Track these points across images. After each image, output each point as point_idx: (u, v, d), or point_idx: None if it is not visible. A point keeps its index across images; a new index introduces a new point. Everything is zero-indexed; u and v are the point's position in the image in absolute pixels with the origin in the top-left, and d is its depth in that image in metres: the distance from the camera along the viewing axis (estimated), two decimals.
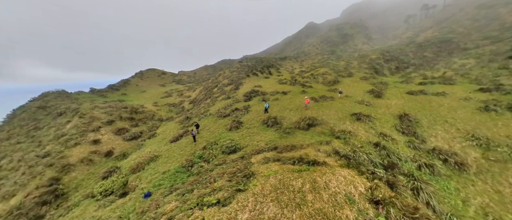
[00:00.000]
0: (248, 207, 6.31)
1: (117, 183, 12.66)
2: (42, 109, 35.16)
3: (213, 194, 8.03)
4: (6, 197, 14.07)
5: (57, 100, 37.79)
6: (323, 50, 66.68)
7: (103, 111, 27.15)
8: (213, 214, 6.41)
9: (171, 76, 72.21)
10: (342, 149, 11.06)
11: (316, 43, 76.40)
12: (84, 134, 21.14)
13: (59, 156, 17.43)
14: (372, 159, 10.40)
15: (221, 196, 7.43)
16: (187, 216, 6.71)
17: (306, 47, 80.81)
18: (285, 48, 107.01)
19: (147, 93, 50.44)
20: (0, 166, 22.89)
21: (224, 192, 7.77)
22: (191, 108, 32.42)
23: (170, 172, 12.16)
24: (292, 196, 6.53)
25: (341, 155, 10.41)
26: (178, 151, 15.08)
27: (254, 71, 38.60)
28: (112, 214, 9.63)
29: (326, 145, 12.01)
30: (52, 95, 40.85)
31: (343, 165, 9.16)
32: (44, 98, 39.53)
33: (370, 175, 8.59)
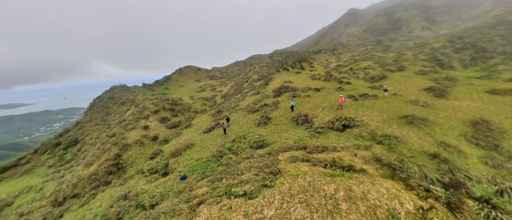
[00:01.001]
0: (274, 205, 6.12)
1: (160, 164, 14.68)
2: (111, 99, 44.23)
3: (240, 185, 8.21)
4: (87, 165, 18.50)
5: (121, 93, 46.71)
6: (366, 41, 58.27)
7: (151, 102, 31.87)
8: (239, 204, 6.52)
9: (205, 72, 78.14)
10: (385, 156, 9.46)
11: (358, 33, 67.37)
12: (137, 120, 25.42)
13: (121, 137, 21.58)
14: (426, 172, 8.47)
15: (248, 189, 7.50)
16: (216, 203, 7.08)
17: (345, 37, 72.40)
18: (319, 40, 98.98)
19: (185, 87, 56.30)
20: (85, 141, 30.13)
21: (250, 185, 7.82)
22: (222, 103, 34.30)
23: (203, 160, 13.20)
24: (323, 201, 5.95)
25: (383, 163, 8.93)
26: (210, 141, 16.22)
27: (285, 66, 37.37)
28: (155, 190, 11.24)
29: (364, 150, 10.54)
30: (117, 88, 50.74)
31: (386, 176, 7.82)
32: (112, 91, 49.54)
33: (422, 191, 7.01)
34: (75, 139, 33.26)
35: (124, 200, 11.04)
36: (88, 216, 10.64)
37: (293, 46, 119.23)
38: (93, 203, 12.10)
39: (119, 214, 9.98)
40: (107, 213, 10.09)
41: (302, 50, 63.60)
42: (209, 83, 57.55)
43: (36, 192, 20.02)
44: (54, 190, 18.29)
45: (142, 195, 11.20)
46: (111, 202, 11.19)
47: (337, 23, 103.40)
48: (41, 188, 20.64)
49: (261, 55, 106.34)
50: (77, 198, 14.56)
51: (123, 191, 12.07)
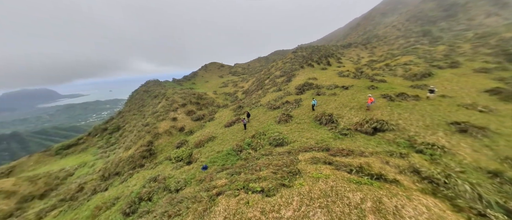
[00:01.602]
0: (293, 206, 5.96)
1: (185, 153, 15.90)
2: (146, 92, 49.80)
3: (258, 181, 8.27)
4: (126, 148, 21.38)
5: (154, 87, 52.09)
6: (409, 31, 50.75)
7: (180, 96, 34.61)
8: (257, 200, 6.57)
9: (228, 68, 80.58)
10: (425, 168, 8.20)
11: (398, 22, 59.16)
12: (167, 112, 28.01)
13: (153, 126, 24.19)
14: (481, 193, 6.97)
15: (266, 186, 7.49)
16: (234, 195, 7.29)
17: (381, 29, 64.53)
18: (350, 33, 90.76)
19: (209, 83, 59.27)
20: (125, 128, 34.66)
21: (268, 182, 7.80)
22: (244, 98, 34.95)
23: (223, 153, 13.76)
24: (347, 210, 5.52)
25: (423, 176, 7.75)
26: (230, 135, 16.77)
27: (309, 62, 35.65)
28: (180, 176, 12.26)
29: (399, 158, 9.34)
30: (151, 83, 56.74)
31: (427, 191, 6.78)
32: (147, 85, 55.65)
33: (475, 216, 5.81)
34: (117, 126, 38.82)
35: (154, 182, 12.40)
36: (126, 192, 12.34)
37: (319, 41, 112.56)
38: (130, 182, 13.97)
39: (150, 193, 11.27)
40: (140, 192, 11.51)
41: (329, 45, 59.41)
42: (231, 79, 59.25)
43: (89, 167, 24.17)
44: (102, 167, 21.80)
45: (168, 180, 12.38)
46: (143, 182, 12.71)
47: (372, 13, 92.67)
48: (92, 164, 24.83)
49: (284, 51, 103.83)
50: (118, 175, 17.02)
51: (154, 174, 13.57)
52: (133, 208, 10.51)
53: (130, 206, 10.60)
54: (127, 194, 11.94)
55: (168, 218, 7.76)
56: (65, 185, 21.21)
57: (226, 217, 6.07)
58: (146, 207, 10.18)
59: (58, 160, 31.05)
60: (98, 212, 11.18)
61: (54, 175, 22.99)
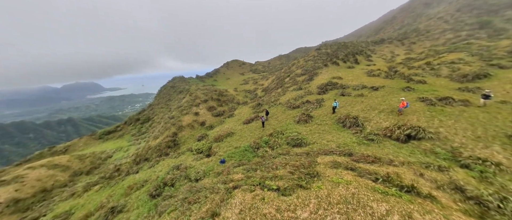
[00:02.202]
0: (309, 208, 5.81)
1: (205, 146, 16.83)
2: (172, 88, 54.10)
3: (274, 180, 8.28)
4: (154, 138, 23.73)
5: (179, 83, 56.21)
6: (460, 24, 43.46)
7: (202, 92, 36.62)
8: (272, 198, 6.60)
9: (249, 66, 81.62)
10: (472, 186, 7.03)
11: (446, 14, 51.12)
12: (190, 107, 29.99)
13: (178, 119, 26.23)
14: None
15: (282, 185, 7.46)
16: (249, 191, 7.46)
17: (423, 22, 56.66)
18: (383, 27, 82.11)
19: (230, 80, 61.05)
20: (154, 119, 38.30)
21: (284, 182, 7.74)
22: (263, 96, 35.06)
23: (240, 149, 14.12)
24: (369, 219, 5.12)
25: (468, 195, 6.67)
26: (248, 132, 17.09)
27: (334, 59, 33.65)
28: (200, 167, 13.06)
29: (437, 171, 8.22)
30: (177, 79, 61.35)
31: (472, 213, 5.84)
32: (173, 81, 60.36)
33: None
34: (148, 117, 43.23)
35: (177, 170, 13.50)
36: (153, 177, 13.76)
37: (347, 37, 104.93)
38: (157, 167, 15.51)
39: (173, 180, 12.32)
40: (165, 177, 12.68)
41: (357, 41, 54.83)
42: (252, 76, 59.91)
43: (124, 151, 27.60)
44: (134, 152, 24.67)
45: (189, 169, 13.33)
46: (168, 169, 13.96)
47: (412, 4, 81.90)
48: (127, 149, 28.27)
49: (306, 48, 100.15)
50: (147, 161, 19.04)
51: (177, 162, 14.78)
52: (158, 191, 11.66)
53: (156, 189, 11.79)
54: (154, 179, 13.30)
55: (188, 204, 8.38)
56: (105, 165, 24.71)
57: (241, 210, 6.26)
58: (169, 192, 11.18)
59: (101, 143, 36.32)
60: (130, 191, 12.75)
61: (97, 156, 27.00)
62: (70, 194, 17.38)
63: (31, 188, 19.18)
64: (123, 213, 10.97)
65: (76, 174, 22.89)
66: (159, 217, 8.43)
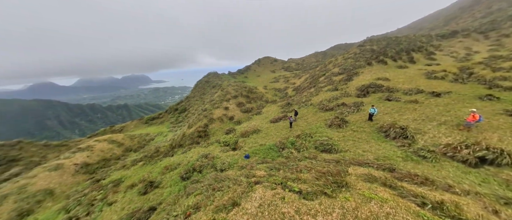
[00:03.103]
0: (332, 217, 5.54)
1: (232, 140, 17.86)
2: (207, 82, 59.12)
3: (297, 182, 8.17)
4: (189, 127, 26.68)
5: (213, 78, 60.87)
6: None
7: (233, 88, 38.67)
8: (293, 199, 6.57)
9: (281, 63, 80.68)
10: None
11: None
12: (221, 101, 32.21)
13: (210, 112, 28.65)
14: None
15: (304, 189, 7.31)
16: (271, 188, 7.62)
17: None
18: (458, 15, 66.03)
19: (261, 78, 62.02)
20: (189, 110, 42.81)
21: (308, 186, 7.55)
22: (294, 95, 34.26)
23: (265, 146, 14.37)
24: None
25: None
26: (275, 131, 17.17)
27: (381, 57, 29.65)
28: (225, 159, 14.01)
29: None
30: (211, 74, 66.60)
31: None
32: (208, 76, 65.81)
33: None
34: (185, 108, 48.79)
35: (205, 158, 14.90)
36: (185, 161, 15.63)
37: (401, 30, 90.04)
38: (188, 154, 17.50)
39: (201, 167, 13.68)
40: (194, 164, 14.22)
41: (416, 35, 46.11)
42: (283, 74, 59.16)
43: (163, 136, 32.10)
44: (171, 138, 28.41)
45: (216, 159, 14.48)
46: (197, 157, 15.56)
47: None
48: (166, 134, 32.77)
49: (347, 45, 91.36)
50: (181, 147, 21.67)
51: (205, 152, 16.29)
52: (188, 175, 13.18)
53: (187, 173, 13.37)
54: (185, 163, 15.10)
55: (212, 190, 9.21)
56: (148, 146, 29.42)
57: (261, 204, 6.50)
58: (197, 177, 12.50)
59: (146, 127, 43.35)
60: (165, 171, 14.90)
61: (143, 137, 32.41)
62: (122, 165, 21.61)
63: (96, 156, 24.82)
64: (158, 188, 12.96)
65: (127, 150, 28.19)
66: (187, 197, 9.59)
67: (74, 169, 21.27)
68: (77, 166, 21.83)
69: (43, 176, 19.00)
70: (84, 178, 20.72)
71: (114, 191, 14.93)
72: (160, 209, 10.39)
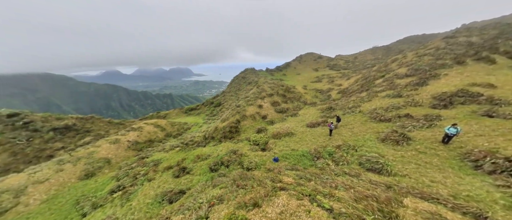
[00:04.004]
0: None
1: (262, 140, 18.20)
2: (243, 78, 61.88)
3: (328, 198, 7.66)
4: (222, 121, 28.78)
5: (250, 74, 63.10)
6: None
7: (269, 86, 39.07)
8: (320, 216, 6.22)
9: (326, 61, 75.41)
10: None
11: None
12: (256, 99, 33.14)
13: (243, 108, 30.01)
14: None
15: (337, 208, 6.77)
16: (297, 198, 7.43)
17: None
18: None
19: (301, 76, 59.98)
20: (224, 105, 45.88)
21: (342, 206, 6.95)
22: (338, 99, 31.64)
23: (298, 152, 13.98)
24: None
25: None
26: (310, 137, 16.42)
27: (485, 53, 23.25)
28: (253, 158, 14.45)
29: None
30: (248, 71, 69.18)
31: None
32: (245, 72, 68.68)
33: None
34: (219, 102, 52.79)
35: (233, 154, 15.81)
36: (215, 154, 17.05)
37: None
38: (218, 147, 18.98)
39: (228, 162, 14.60)
40: (223, 158, 15.31)
41: None
42: (328, 74, 55.20)
43: (199, 127, 35.79)
44: (205, 129, 31.40)
45: (243, 157, 15.13)
46: (227, 151, 16.68)
47: None
48: (200, 126, 36.43)
49: (424, 37, 76.13)
50: (213, 139, 23.69)
51: (235, 148, 17.26)
52: (216, 167, 14.33)
53: (215, 165, 14.57)
54: (215, 155, 16.47)
55: (237, 187, 9.73)
56: (185, 134, 33.48)
57: (283, 211, 6.45)
58: (224, 171, 13.43)
59: (185, 117, 49.37)
60: (197, 159, 16.69)
61: (181, 125, 37.13)
62: (162, 148, 25.50)
63: (144, 137, 30.18)
64: (189, 175, 14.66)
65: (168, 135, 33.00)
66: (212, 188, 10.50)
67: (127, 145, 26.61)
68: (129, 143, 27.19)
69: (105, 147, 24.62)
70: (133, 153, 25.59)
71: (153, 170, 17.86)
72: (188, 194, 11.77)
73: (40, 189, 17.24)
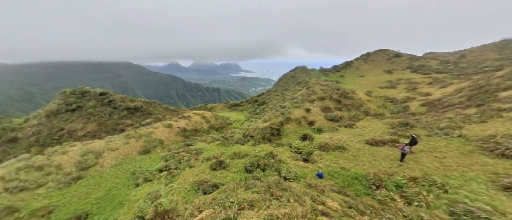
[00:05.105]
0: None
1: (306, 149, 17.11)
2: (292, 78, 60.51)
3: None
4: (263, 121, 29.09)
5: (300, 73, 60.98)
6: None
7: (321, 88, 36.49)
8: None
9: (407, 61, 62.86)
10: None
11: None
12: (303, 102, 31.65)
13: (288, 111, 29.29)
14: None
15: None
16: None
17: None
18: None
19: (365, 79, 52.84)
20: (268, 105, 46.36)
21: None
22: (422, 113, 25.87)
23: (349, 173, 12.28)
24: None
25: None
26: (370, 157, 14.10)
27: None
28: (293, 168, 13.71)
29: None
30: (299, 69, 66.98)
31: None
32: (295, 70, 66.90)
33: None
34: (264, 101, 53.69)
35: (271, 158, 15.55)
36: (252, 154, 17.31)
37: None
38: (257, 148, 19.17)
39: (265, 166, 14.44)
40: (260, 160, 15.31)
41: None
42: (408, 78, 45.73)
43: (240, 124, 37.54)
44: (245, 127, 32.61)
45: (282, 164, 14.60)
46: (264, 154, 16.60)
47: None
48: (242, 122, 38.12)
49: None
50: (252, 139, 24.25)
51: (274, 152, 16.96)
52: (252, 169, 14.46)
53: (251, 166, 14.73)
54: (252, 156, 16.70)
55: (270, 195, 9.38)
56: (226, 129, 35.86)
57: None
58: (259, 174, 13.35)
59: (229, 112, 53.02)
60: (234, 156, 17.42)
61: (224, 120, 40.04)
62: (204, 139, 28.20)
63: (191, 126, 34.33)
64: (225, 170, 15.44)
65: (211, 127, 36.31)
66: (245, 190, 10.56)
67: (177, 130, 30.97)
68: (179, 129, 31.56)
69: (160, 129, 29.44)
70: (181, 139, 29.50)
71: (195, 158, 19.92)
72: (221, 190, 12.36)
73: (112, 155, 22.34)
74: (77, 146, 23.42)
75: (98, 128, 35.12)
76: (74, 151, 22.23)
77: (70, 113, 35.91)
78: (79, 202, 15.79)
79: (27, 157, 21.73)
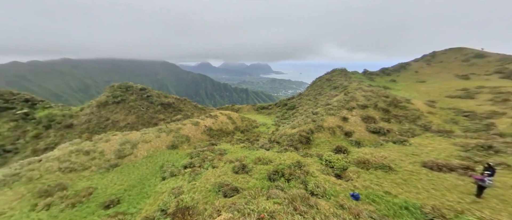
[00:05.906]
0: None
1: (340, 163, 15.84)
2: (327, 81, 57.60)
3: None
4: (292, 127, 28.25)
5: (338, 77, 57.60)
6: None
7: (363, 94, 33.62)
8: None
9: (496, 62, 51.56)
10: None
11: None
12: (340, 109, 29.60)
13: (320, 118, 27.79)
14: None
15: None
16: None
17: None
18: None
19: (426, 84, 46.47)
20: (298, 109, 45.04)
21: None
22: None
23: (396, 201, 10.77)
24: None
25: None
26: (428, 185, 12.12)
27: None
28: (323, 183, 12.77)
29: None
30: (336, 72, 63.32)
31: None
32: (332, 73, 63.52)
33: None
34: (294, 105, 52.38)
35: (298, 169, 14.82)
36: (277, 161, 16.83)
37: None
38: (283, 155, 18.57)
39: (290, 176, 13.82)
40: (284, 169, 14.74)
41: None
42: (495, 85, 37.88)
43: (266, 128, 37.33)
44: (272, 131, 32.20)
45: (309, 176, 13.75)
46: (290, 163, 15.93)
47: None
48: (269, 127, 37.85)
49: None
50: (278, 145, 23.74)
51: (301, 162, 16.14)
52: (275, 177, 14.01)
53: (274, 174, 14.30)
54: (277, 163, 16.22)
55: (294, 210, 8.83)
56: (251, 131, 36.09)
57: None
58: (283, 184, 12.82)
59: (255, 114, 53.41)
60: (257, 161, 17.23)
61: (250, 122, 40.43)
62: (229, 140, 28.87)
63: (217, 125, 35.67)
64: (247, 175, 15.36)
65: (236, 129, 37.08)
66: (266, 199, 10.21)
67: (203, 129, 32.57)
68: (205, 127, 33.14)
69: (188, 126, 31.36)
70: (206, 138, 30.87)
71: (218, 158, 20.47)
72: (242, 195, 12.26)
73: (145, 147, 24.68)
74: (118, 136, 26.62)
75: (136, 120, 39.50)
76: (115, 140, 25.32)
77: (116, 105, 41.34)
78: (114, 187, 17.83)
79: (78, 142, 25.67)
